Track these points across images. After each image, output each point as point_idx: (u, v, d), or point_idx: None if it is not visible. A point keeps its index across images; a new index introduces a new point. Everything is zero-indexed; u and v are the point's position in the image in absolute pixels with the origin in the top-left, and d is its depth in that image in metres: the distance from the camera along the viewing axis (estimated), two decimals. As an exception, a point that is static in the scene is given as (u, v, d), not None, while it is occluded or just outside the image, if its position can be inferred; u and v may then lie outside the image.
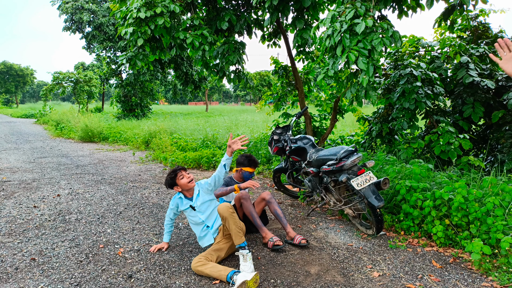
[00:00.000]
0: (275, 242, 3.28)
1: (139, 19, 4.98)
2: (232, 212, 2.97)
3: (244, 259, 2.83)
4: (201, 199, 3.23)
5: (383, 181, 3.35)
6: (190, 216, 3.24)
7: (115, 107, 22.04)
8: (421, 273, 2.88)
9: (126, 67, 20.13)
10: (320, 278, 2.81)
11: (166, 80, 23.46)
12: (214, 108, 47.49)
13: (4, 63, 56.32)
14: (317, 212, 4.48)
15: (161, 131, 10.47)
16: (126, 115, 20.17)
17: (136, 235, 3.73)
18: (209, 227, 3.18)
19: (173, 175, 3.19)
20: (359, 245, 3.43)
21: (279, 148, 4.73)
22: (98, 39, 21.19)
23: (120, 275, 2.87)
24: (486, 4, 4.14)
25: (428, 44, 5.74)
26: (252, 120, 14.97)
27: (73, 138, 12.88)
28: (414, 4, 4.41)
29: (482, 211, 3.16)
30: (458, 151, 4.54)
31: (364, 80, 3.82)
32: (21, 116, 28.89)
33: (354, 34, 3.79)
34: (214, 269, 2.80)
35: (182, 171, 3.20)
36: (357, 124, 8.61)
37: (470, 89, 4.99)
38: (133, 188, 5.66)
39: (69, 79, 26.09)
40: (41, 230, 3.83)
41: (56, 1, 21.36)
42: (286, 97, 7.57)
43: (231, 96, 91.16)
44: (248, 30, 6.10)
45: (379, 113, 6.04)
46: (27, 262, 3.08)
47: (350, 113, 13.57)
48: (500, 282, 2.66)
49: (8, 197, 5.06)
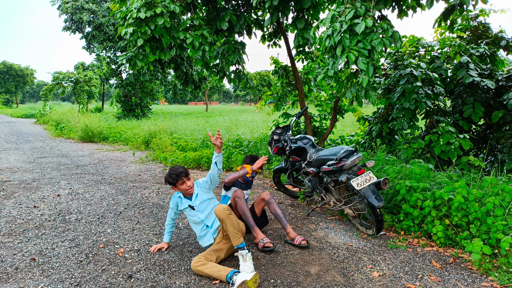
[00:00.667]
0: (265, 243, 3.27)
1: (139, 19, 4.99)
2: (229, 213, 2.97)
3: (243, 259, 2.83)
4: (200, 198, 3.23)
5: (383, 181, 3.35)
6: (189, 215, 3.25)
7: (115, 107, 22.04)
8: (421, 273, 2.88)
9: (126, 67, 20.14)
10: (320, 278, 2.81)
11: (166, 80, 23.46)
12: (214, 108, 47.50)
13: (4, 63, 56.31)
14: (317, 212, 4.48)
15: (161, 131, 10.47)
16: (126, 115, 20.17)
17: (136, 235, 3.73)
18: (209, 227, 3.18)
19: (175, 179, 3.17)
20: (359, 245, 3.43)
21: (279, 148, 4.73)
22: (98, 39, 21.19)
23: (120, 275, 2.87)
24: (486, 4, 4.14)
25: (428, 44, 5.74)
26: (252, 120, 14.97)
27: (73, 138, 12.89)
28: (414, 4, 4.41)
29: (482, 211, 3.16)
30: (458, 151, 4.54)
31: (364, 80, 3.82)
32: (21, 116, 28.89)
33: (354, 34, 3.79)
34: (214, 269, 2.80)
35: (184, 178, 3.19)
36: (357, 124, 8.62)
37: (470, 89, 4.99)
38: (133, 188, 5.66)
39: (69, 79, 26.11)
40: (41, 230, 3.83)
41: (56, 1, 21.36)
42: (286, 97, 7.57)
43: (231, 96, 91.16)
44: (248, 30, 6.10)
45: (379, 113, 6.04)
46: (27, 262, 3.08)
47: (350, 113, 13.56)
48: (500, 282, 2.66)
49: (8, 197, 5.06)
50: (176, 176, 3.17)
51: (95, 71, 32.70)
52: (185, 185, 3.19)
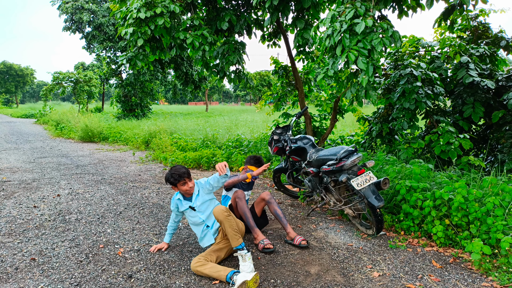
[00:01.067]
0: (265, 245, 3.27)
1: (139, 20, 4.99)
2: (228, 215, 2.96)
3: (243, 260, 2.83)
4: (201, 199, 3.21)
5: (383, 181, 3.35)
6: (190, 216, 3.23)
7: (115, 107, 22.04)
8: (421, 273, 2.88)
9: (126, 67, 20.15)
10: (320, 278, 2.81)
11: (166, 80, 23.46)
12: (214, 108, 47.51)
13: (4, 63, 56.31)
14: (317, 212, 4.48)
15: (161, 131, 10.47)
16: (126, 115, 20.17)
17: (136, 235, 3.73)
18: (209, 227, 3.17)
19: (178, 180, 3.13)
20: (359, 245, 3.43)
21: (279, 148, 4.73)
22: (98, 39, 21.19)
23: (120, 275, 2.87)
24: (486, 4, 4.14)
25: (428, 44, 5.74)
26: (252, 120, 14.97)
27: (73, 138, 12.89)
28: (414, 4, 4.41)
29: (482, 211, 3.16)
30: (458, 151, 4.54)
31: (364, 80, 3.82)
32: (21, 116, 28.89)
33: (354, 34, 3.79)
34: (214, 270, 2.80)
35: (186, 178, 3.15)
36: (357, 124, 8.61)
37: (470, 89, 4.99)
38: (133, 188, 5.66)
39: (69, 79, 26.11)
40: (41, 230, 3.83)
41: (56, 1, 21.36)
42: (286, 97, 7.57)
43: (231, 96, 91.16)
44: (248, 30, 6.10)
45: (379, 113, 6.04)
46: (27, 262, 3.08)
47: (350, 113, 13.57)
48: (500, 282, 2.66)
49: (8, 197, 5.06)
50: (179, 176, 3.12)
51: (95, 71, 32.69)
52: (186, 186, 3.15)
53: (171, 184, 3.18)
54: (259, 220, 3.72)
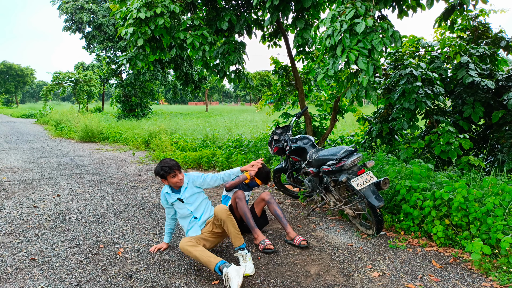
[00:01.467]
0: (266, 245, 3.27)
1: (139, 20, 4.98)
2: (229, 214, 2.98)
3: (244, 260, 2.83)
4: (190, 191, 3.22)
5: (383, 181, 3.35)
6: (178, 208, 3.22)
7: (115, 107, 22.03)
8: (421, 273, 2.88)
9: (126, 67, 20.14)
10: (320, 278, 2.81)
11: (166, 80, 23.45)
12: (214, 108, 47.50)
13: (4, 63, 56.29)
14: (317, 212, 4.48)
15: (161, 131, 10.47)
16: (126, 115, 20.17)
17: (136, 235, 3.73)
18: (197, 219, 3.19)
19: (168, 172, 3.12)
20: (359, 245, 3.43)
21: (279, 148, 4.73)
22: (98, 39, 21.19)
23: (120, 275, 2.87)
24: (486, 4, 4.14)
25: (428, 44, 5.74)
26: (252, 120, 14.97)
27: (73, 138, 12.88)
28: (414, 4, 4.41)
29: (482, 211, 3.16)
30: (458, 151, 4.54)
31: (364, 80, 3.82)
32: (21, 116, 28.89)
33: (354, 34, 3.79)
34: (204, 254, 2.79)
35: (177, 171, 3.16)
36: (357, 124, 8.62)
37: (470, 89, 4.99)
38: (133, 188, 5.66)
39: (69, 79, 26.10)
40: (41, 230, 3.83)
41: (56, 1, 21.35)
42: (286, 97, 7.56)
43: (231, 96, 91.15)
44: (248, 30, 6.10)
45: (379, 113, 6.04)
46: (27, 262, 3.08)
47: (350, 113, 13.57)
48: (500, 282, 2.66)
49: (8, 197, 5.06)
50: (169, 168, 3.11)
51: (95, 71, 32.69)
52: (176, 178, 3.15)
53: (161, 177, 3.16)
54: (259, 220, 3.72)
